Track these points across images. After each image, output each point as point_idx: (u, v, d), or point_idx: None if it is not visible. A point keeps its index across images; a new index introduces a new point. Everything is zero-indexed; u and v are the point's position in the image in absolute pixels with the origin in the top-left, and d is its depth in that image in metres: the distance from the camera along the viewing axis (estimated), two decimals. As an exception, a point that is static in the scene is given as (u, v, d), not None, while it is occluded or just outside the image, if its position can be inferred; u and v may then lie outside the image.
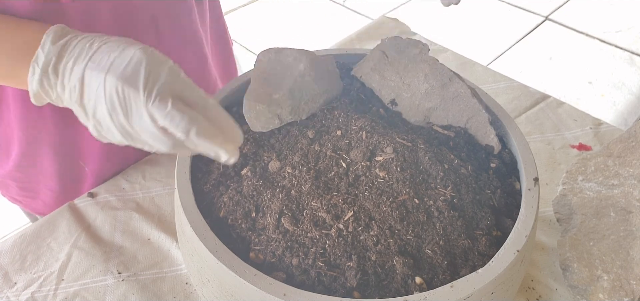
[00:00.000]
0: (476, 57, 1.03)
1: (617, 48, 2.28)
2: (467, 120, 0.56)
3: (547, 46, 2.32)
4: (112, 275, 0.59)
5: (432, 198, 0.47)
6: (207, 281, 0.45)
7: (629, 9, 2.54)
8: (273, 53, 0.56)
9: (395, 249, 0.43)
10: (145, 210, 0.67)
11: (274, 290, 0.39)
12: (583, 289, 0.53)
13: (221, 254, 0.42)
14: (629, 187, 0.59)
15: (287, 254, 0.43)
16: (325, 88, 0.56)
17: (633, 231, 0.55)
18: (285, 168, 0.50)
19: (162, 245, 0.62)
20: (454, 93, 0.56)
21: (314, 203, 0.46)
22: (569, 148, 0.77)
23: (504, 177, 0.52)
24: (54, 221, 0.65)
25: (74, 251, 0.61)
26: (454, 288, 0.40)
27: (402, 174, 0.47)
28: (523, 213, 0.46)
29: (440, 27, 2.42)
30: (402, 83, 0.58)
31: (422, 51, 0.58)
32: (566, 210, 0.61)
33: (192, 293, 0.57)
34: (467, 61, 0.97)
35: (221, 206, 0.48)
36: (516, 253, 0.42)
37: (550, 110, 0.84)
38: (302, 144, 0.52)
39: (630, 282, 0.52)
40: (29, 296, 0.57)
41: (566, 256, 0.56)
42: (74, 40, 0.43)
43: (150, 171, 0.72)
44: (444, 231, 0.44)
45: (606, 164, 0.62)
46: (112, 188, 0.70)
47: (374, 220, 0.45)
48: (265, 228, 0.45)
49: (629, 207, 0.57)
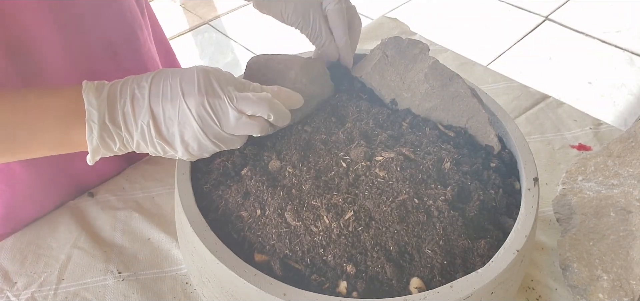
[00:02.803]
0: (476, 57, 1.03)
1: (617, 48, 2.28)
2: (467, 120, 0.56)
3: (547, 46, 2.32)
4: (112, 275, 0.59)
5: (432, 198, 0.47)
6: (207, 281, 0.45)
7: (629, 9, 2.54)
8: (263, 60, 0.56)
9: (395, 249, 0.43)
10: (145, 210, 0.67)
11: (274, 290, 0.39)
12: (583, 289, 0.53)
13: (221, 254, 0.42)
14: (628, 187, 0.59)
15: (287, 253, 0.43)
16: (318, 92, 0.56)
17: (633, 231, 0.55)
18: (286, 168, 0.50)
19: (162, 245, 0.62)
20: (454, 93, 0.56)
21: (314, 202, 0.46)
22: (569, 148, 0.77)
23: (503, 177, 0.52)
24: (54, 221, 0.65)
25: (74, 251, 0.61)
26: (453, 288, 0.40)
27: (402, 174, 0.47)
28: (523, 213, 0.46)
29: (440, 27, 2.42)
30: (402, 83, 0.58)
31: (422, 51, 0.58)
32: (566, 210, 0.61)
33: (192, 293, 0.57)
34: (467, 61, 0.98)
35: (221, 206, 0.48)
36: (516, 253, 0.42)
37: (550, 110, 0.84)
38: (302, 144, 0.52)
39: (630, 282, 0.52)
40: (29, 296, 0.57)
41: (566, 256, 0.56)
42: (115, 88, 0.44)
43: (150, 171, 0.72)
44: (443, 232, 0.44)
45: (606, 164, 0.62)
46: (112, 188, 0.70)
47: (374, 220, 0.45)
48: (266, 227, 0.45)
49: (628, 207, 0.57)
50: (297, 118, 0.55)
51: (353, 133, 0.52)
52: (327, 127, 0.54)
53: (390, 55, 0.59)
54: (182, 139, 0.45)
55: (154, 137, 0.44)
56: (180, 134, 0.44)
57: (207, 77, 0.44)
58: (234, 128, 0.45)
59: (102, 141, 0.44)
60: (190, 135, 0.44)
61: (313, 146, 0.52)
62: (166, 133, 0.44)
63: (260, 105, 0.45)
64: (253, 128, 0.46)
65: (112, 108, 0.43)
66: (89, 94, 0.43)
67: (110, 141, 0.44)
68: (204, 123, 0.44)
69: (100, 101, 0.43)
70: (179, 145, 0.45)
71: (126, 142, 0.45)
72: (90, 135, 0.43)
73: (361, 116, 0.55)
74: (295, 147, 0.51)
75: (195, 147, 0.45)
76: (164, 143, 0.45)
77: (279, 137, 0.54)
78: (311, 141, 0.53)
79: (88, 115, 0.42)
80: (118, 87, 0.44)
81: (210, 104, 0.43)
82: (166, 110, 0.43)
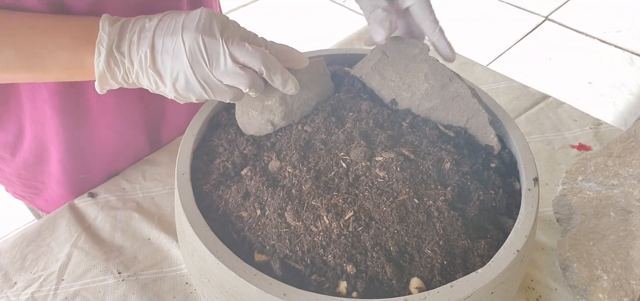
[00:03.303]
0: (476, 57, 1.03)
1: (617, 48, 2.28)
2: (467, 120, 0.56)
3: (547, 46, 2.32)
4: (112, 275, 0.59)
5: (432, 198, 0.47)
6: (207, 281, 0.45)
7: (629, 9, 2.54)
8: None
9: (395, 249, 0.43)
10: (145, 210, 0.67)
11: (274, 290, 0.39)
12: (583, 289, 0.53)
13: (221, 254, 0.42)
14: (628, 187, 0.59)
15: (287, 253, 0.43)
16: (317, 91, 0.57)
17: (633, 231, 0.55)
18: (286, 167, 0.50)
19: (162, 245, 0.62)
20: (454, 93, 0.56)
21: (314, 202, 0.46)
22: (569, 148, 0.77)
23: (503, 177, 0.52)
24: (54, 221, 0.65)
25: (74, 251, 0.61)
26: (453, 288, 0.40)
27: (402, 174, 0.47)
28: (523, 213, 0.46)
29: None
30: (402, 83, 0.58)
31: (422, 51, 0.58)
32: (566, 210, 0.61)
33: (192, 293, 0.57)
34: (467, 61, 0.98)
35: (221, 206, 0.48)
36: (516, 253, 0.42)
37: (550, 110, 0.84)
38: (302, 144, 0.52)
39: (630, 282, 0.52)
40: (29, 296, 0.57)
41: (566, 256, 0.56)
42: (129, 21, 0.46)
43: (150, 171, 0.72)
44: (443, 232, 0.44)
45: (606, 164, 0.62)
46: (112, 188, 0.70)
47: (374, 220, 0.45)
48: (266, 227, 0.45)
49: (628, 207, 0.57)
50: (297, 118, 0.55)
51: (353, 133, 0.52)
52: (327, 127, 0.54)
53: (390, 55, 0.59)
54: (171, 73, 0.45)
55: (148, 67, 0.45)
56: (171, 68, 0.45)
57: (209, 18, 0.44)
58: (223, 73, 0.45)
59: (108, 66, 0.45)
60: (180, 69, 0.45)
61: (313, 146, 0.52)
62: (160, 65, 0.45)
63: (253, 56, 0.45)
64: (241, 80, 0.45)
65: (121, 37, 0.45)
66: (104, 22, 0.45)
67: (115, 68, 0.46)
68: (194, 59, 0.44)
69: (113, 29, 0.45)
70: (168, 78, 0.45)
71: (128, 71, 0.46)
72: (98, 59, 0.45)
73: (361, 116, 0.55)
74: (295, 147, 0.51)
75: (182, 83, 0.45)
76: (156, 75, 0.45)
77: (279, 137, 0.54)
78: (311, 141, 0.53)
79: (99, 39, 0.45)
80: (132, 20, 0.46)
81: (204, 42, 0.44)
82: (165, 43, 0.44)
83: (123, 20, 0.46)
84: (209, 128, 0.58)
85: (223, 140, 0.55)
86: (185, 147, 0.52)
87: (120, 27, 0.46)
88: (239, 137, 0.55)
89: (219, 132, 0.56)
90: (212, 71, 0.45)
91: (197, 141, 0.55)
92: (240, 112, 0.55)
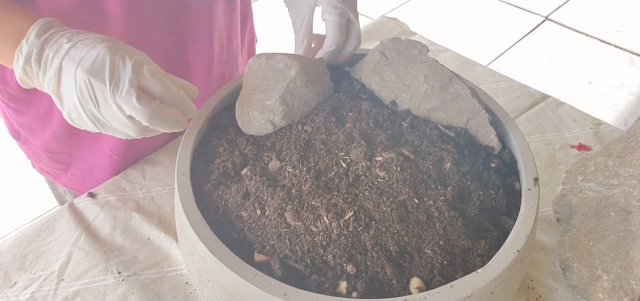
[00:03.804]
0: (476, 57, 1.03)
1: (617, 48, 2.28)
2: (467, 121, 0.56)
3: (547, 46, 2.32)
4: (112, 275, 0.59)
5: (432, 198, 0.47)
6: (207, 281, 0.45)
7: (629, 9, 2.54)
8: (264, 59, 0.56)
9: (395, 249, 0.43)
10: (145, 210, 0.67)
11: (274, 290, 0.39)
12: (583, 289, 0.53)
13: (221, 254, 0.42)
14: (628, 187, 0.59)
15: (287, 253, 0.43)
16: (317, 91, 0.57)
17: (633, 231, 0.55)
18: (286, 168, 0.50)
19: (162, 245, 0.62)
20: (454, 94, 0.56)
21: (314, 202, 0.46)
22: (569, 148, 0.77)
23: (503, 177, 0.52)
24: (54, 221, 0.65)
25: (74, 251, 0.61)
26: (453, 288, 0.40)
27: (402, 174, 0.47)
28: (523, 213, 0.46)
29: (440, 27, 2.42)
30: (402, 84, 0.58)
31: (421, 52, 0.58)
32: (566, 210, 0.61)
33: (192, 293, 0.57)
34: (467, 61, 0.98)
35: (221, 206, 0.48)
36: (516, 253, 0.42)
37: (550, 110, 0.84)
38: (302, 144, 0.52)
39: (630, 282, 0.52)
40: (29, 296, 0.57)
41: (566, 256, 0.56)
42: (56, 34, 0.45)
43: (150, 171, 0.72)
44: (443, 232, 0.44)
45: (606, 164, 0.62)
46: (112, 188, 0.70)
47: (374, 220, 0.45)
48: (266, 227, 0.45)
49: (628, 207, 0.57)
50: (297, 118, 0.55)
51: (353, 133, 0.52)
52: (327, 127, 0.54)
53: (389, 56, 0.59)
54: (67, 103, 0.45)
55: (53, 92, 0.45)
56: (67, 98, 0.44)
57: (103, 58, 0.43)
58: (112, 118, 0.44)
59: (25, 74, 0.46)
60: (74, 102, 0.44)
61: (313, 146, 0.52)
62: (62, 92, 0.45)
63: (139, 112, 0.43)
64: (129, 130, 0.44)
65: (41, 51, 0.45)
66: (34, 29, 0.45)
67: (32, 76, 0.46)
68: (83, 98, 0.43)
69: (38, 41, 0.45)
70: (65, 107, 0.45)
71: (41, 85, 0.46)
72: (16, 64, 0.46)
73: (361, 116, 0.55)
74: (295, 147, 0.51)
75: (75, 116, 0.45)
76: (58, 100, 0.45)
77: (279, 136, 0.54)
78: (311, 141, 0.53)
79: (20, 47, 0.45)
80: (58, 35, 0.45)
81: (92, 83, 0.42)
82: (66, 72, 0.44)
83: (53, 31, 0.46)
84: (209, 128, 0.58)
85: (223, 140, 0.55)
86: (185, 147, 0.52)
87: (44, 41, 0.45)
88: (239, 137, 0.55)
89: (219, 132, 0.56)
90: (101, 113, 0.44)
91: (197, 141, 0.55)
92: (240, 112, 0.55)
